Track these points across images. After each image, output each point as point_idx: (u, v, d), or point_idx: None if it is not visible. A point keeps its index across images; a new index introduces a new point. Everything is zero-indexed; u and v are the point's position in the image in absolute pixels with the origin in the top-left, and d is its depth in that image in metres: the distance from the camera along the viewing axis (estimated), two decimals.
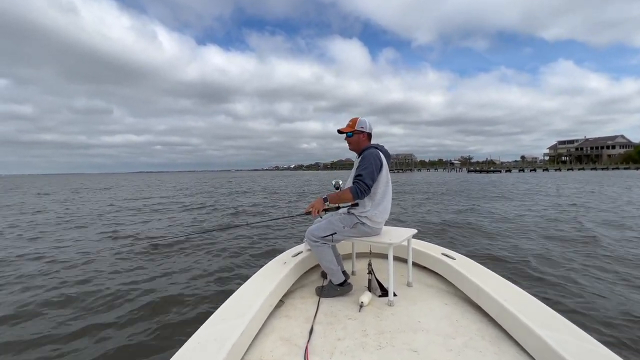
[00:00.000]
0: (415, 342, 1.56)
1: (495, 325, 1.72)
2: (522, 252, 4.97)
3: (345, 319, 1.82)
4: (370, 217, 2.07)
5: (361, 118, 2.21)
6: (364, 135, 2.22)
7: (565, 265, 4.26)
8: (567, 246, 5.32)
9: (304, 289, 2.29)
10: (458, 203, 12.20)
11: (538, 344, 1.39)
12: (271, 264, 2.28)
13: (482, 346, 1.54)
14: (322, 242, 2.09)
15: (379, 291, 2.12)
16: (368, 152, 2.10)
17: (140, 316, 3.06)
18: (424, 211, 10.07)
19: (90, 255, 5.25)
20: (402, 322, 1.76)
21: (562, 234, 6.29)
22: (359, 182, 2.00)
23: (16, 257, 5.20)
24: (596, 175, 40.26)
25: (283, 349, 1.52)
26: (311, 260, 2.51)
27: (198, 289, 3.74)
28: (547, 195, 14.79)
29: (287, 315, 1.87)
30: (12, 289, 3.77)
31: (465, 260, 2.36)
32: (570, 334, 1.39)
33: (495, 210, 9.73)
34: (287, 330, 1.70)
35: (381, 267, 2.49)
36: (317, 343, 1.57)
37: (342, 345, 1.54)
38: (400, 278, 2.40)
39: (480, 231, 6.70)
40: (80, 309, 3.21)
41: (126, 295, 3.52)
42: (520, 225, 7.28)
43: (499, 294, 1.77)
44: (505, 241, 5.74)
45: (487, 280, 1.97)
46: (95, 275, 4.22)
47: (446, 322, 1.78)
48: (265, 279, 1.99)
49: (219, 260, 4.91)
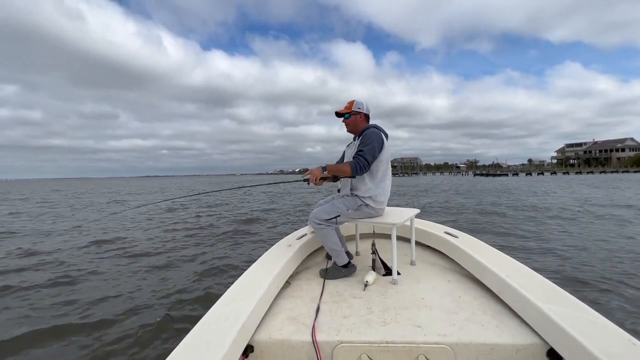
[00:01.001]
0: (418, 318, 1.58)
1: (497, 300, 1.74)
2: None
3: (350, 297, 1.83)
4: (374, 197, 2.08)
5: (357, 100, 2.23)
6: (361, 116, 2.23)
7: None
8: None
9: (309, 270, 2.32)
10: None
11: (538, 316, 1.40)
12: (276, 246, 2.31)
13: (484, 320, 1.55)
14: (325, 225, 2.10)
15: (383, 270, 2.12)
16: (369, 130, 2.11)
17: (151, 299, 3.20)
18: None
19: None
20: (405, 300, 1.78)
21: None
22: (359, 157, 1.99)
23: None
24: (609, 178, 39.10)
25: (291, 328, 1.55)
26: (315, 242, 2.55)
27: (205, 273, 3.94)
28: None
29: (293, 296, 1.90)
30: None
31: (468, 238, 2.38)
32: (570, 307, 1.39)
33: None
34: (295, 310, 1.73)
35: (385, 247, 2.51)
36: (323, 321, 1.59)
37: (348, 323, 1.56)
38: (404, 257, 2.43)
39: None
40: (86, 293, 3.34)
41: (137, 282, 3.69)
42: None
43: (501, 269, 1.80)
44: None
45: (490, 257, 1.99)
46: (102, 264, 4.40)
47: (449, 298, 1.80)
48: (272, 261, 2.03)
49: (224, 247, 5.22)
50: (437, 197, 15.81)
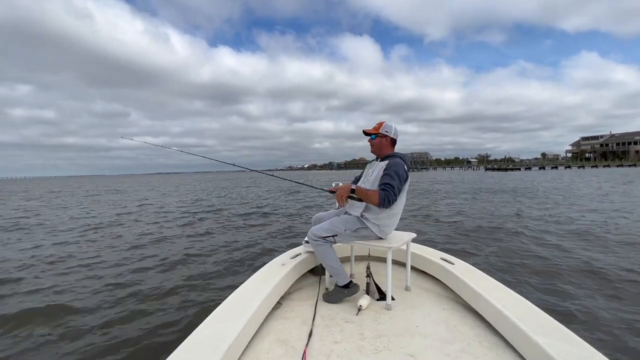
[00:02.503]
0: (412, 347, 1.56)
1: (493, 332, 1.71)
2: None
3: (342, 322, 1.82)
4: (381, 227, 2.08)
5: (387, 123, 2.22)
6: (387, 139, 2.22)
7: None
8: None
9: (301, 291, 2.30)
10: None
11: (535, 351, 1.37)
12: (269, 265, 2.29)
13: (479, 352, 1.53)
14: (323, 242, 2.10)
15: (377, 295, 2.12)
16: (396, 161, 2.09)
17: (134, 317, 3.05)
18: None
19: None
20: (399, 326, 1.76)
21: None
22: (389, 191, 1.97)
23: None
24: (630, 172, 36.98)
25: (279, 351, 1.53)
26: (309, 262, 2.51)
27: (195, 289, 3.72)
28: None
29: (284, 317, 1.88)
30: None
31: (464, 265, 2.33)
32: (567, 342, 1.37)
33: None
34: (284, 332, 1.71)
35: (380, 271, 2.49)
36: (314, 346, 1.57)
37: (339, 349, 1.54)
38: (399, 282, 2.40)
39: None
40: (71, 308, 3.24)
41: (118, 295, 3.55)
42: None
43: (497, 300, 1.75)
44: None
45: (486, 286, 1.95)
46: (91, 273, 4.34)
47: (444, 327, 1.77)
48: (263, 280, 2.00)
49: (219, 258, 5.02)
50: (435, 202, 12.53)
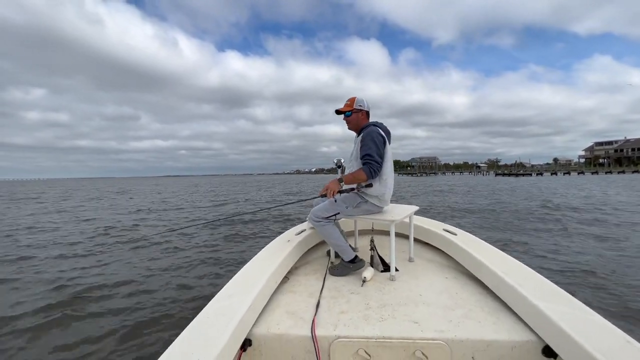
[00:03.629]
0: (416, 314, 1.59)
1: (494, 297, 1.75)
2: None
3: (348, 293, 1.85)
4: (380, 196, 2.08)
5: (358, 97, 2.21)
6: (363, 113, 2.21)
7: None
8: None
9: (307, 265, 2.33)
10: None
11: (535, 314, 1.41)
12: (275, 242, 2.33)
13: (480, 317, 1.56)
14: (325, 222, 2.10)
15: (381, 267, 2.12)
16: (368, 130, 2.08)
17: (152, 295, 3.30)
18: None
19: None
20: (403, 296, 1.79)
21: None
22: (370, 162, 1.97)
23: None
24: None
25: (289, 322, 1.56)
26: (314, 238, 2.55)
27: (205, 271, 4.03)
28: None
29: (291, 291, 1.92)
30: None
31: (466, 235, 2.37)
32: (567, 305, 1.40)
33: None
34: (293, 304, 1.74)
35: (383, 244, 2.52)
36: (321, 316, 1.61)
37: (345, 318, 1.57)
38: (402, 254, 2.42)
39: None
40: (90, 291, 3.48)
41: (138, 279, 3.83)
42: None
43: (499, 267, 1.80)
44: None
45: (488, 254, 1.99)
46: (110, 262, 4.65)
47: (446, 295, 1.81)
48: (270, 256, 2.04)
49: (222, 247, 5.37)
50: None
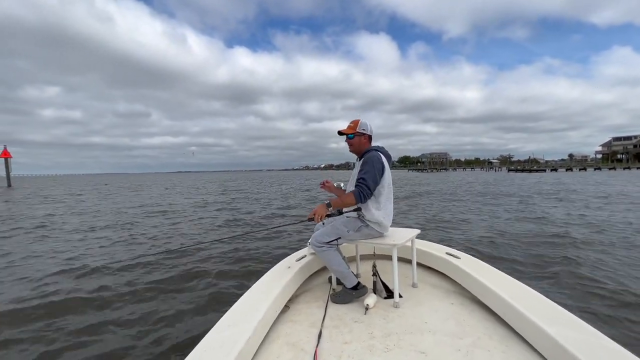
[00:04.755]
0: (422, 343, 1.55)
1: (502, 324, 1.69)
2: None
3: (351, 322, 1.80)
4: (380, 222, 2.06)
5: (362, 120, 2.19)
6: (365, 137, 2.19)
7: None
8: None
9: (308, 293, 2.28)
10: None
11: (547, 342, 1.36)
12: (275, 268, 2.29)
13: (490, 345, 1.52)
14: (327, 247, 2.08)
15: (384, 293, 2.09)
16: (369, 155, 2.07)
17: (146, 323, 2.99)
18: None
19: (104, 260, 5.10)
20: (408, 324, 1.75)
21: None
22: (361, 185, 1.97)
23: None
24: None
25: (289, 354, 1.52)
26: (315, 264, 2.50)
27: (203, 297, 3.61)
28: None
29: (292, 320, 1.87)
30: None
31: (470, 259, 2.31)
32: (578, 330, 1.35)
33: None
34: (293, 335, 1.70)
35: (385, 269, 2.46)
36: (324, 347, 1.56)
37: (349, 349, 1.53)
38: (405, 279, 2.38)
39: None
40: (83, 311, 3.19)
41: (130, 303, 3.45)
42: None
43: (505, 292, 1.75)
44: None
45: (493, 279, 1.94)
46: (102, 280, 4.18)
47: (453, 322, 1.76)
48: (270, 284, 2.00)
49: (221, 268, 4.73)
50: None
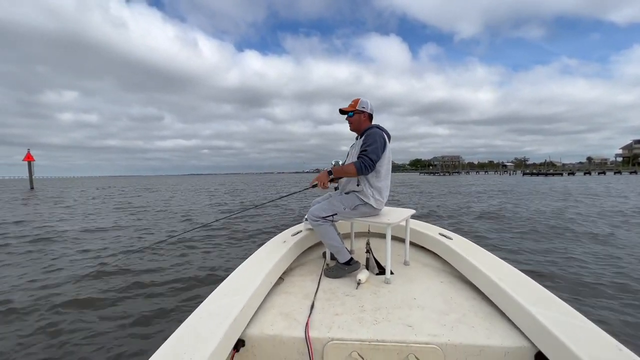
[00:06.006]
0: (410, 318, 1.60)
1: (488, 303, 1.74)
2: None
3: (343, 295, 1.86)
4: (376, 196, 2.11)
5: (362, 99, 2.25)
6: (365, 115, 2.24)
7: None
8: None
9: (303, 267, 2.35)
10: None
11: (528, 320, 1.41)
12: (271, 242, 2.36)
13: (474, 322, 1.57)
14: (323, 221, 2.15)
15: (377, 269, 2.14)
16: (372, 130, 2.13)
17: (143, 295, 3.24)
18: None
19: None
20: (398, 299, 1.80)
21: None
22: (363, 157, 2.02)
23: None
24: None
25: (283, 323, 1.57)
26: (310, 239, 2.57)
27: (199, 270, 3.90)
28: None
29: (286, 292, 1.93)
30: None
31: (462, 240, 2.36)
32: (560, 311, 1.39)
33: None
34: (287, 306, 1.76)
35: (379, 246, 2.52)
36: (315, 318, 1.62)
37: (339, 320, 1.58)
38: (398, 257, 2.44)
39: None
40: (90, 289, 3.44)
41: (133, 280, 3.72)
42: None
43: (494, 272, 1.80)
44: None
45: (483, 260, 1.99)
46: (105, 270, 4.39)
47: (441, 299, 1.81)
48: (265, 256, 2.06)
49: (219, 246, 5.14)
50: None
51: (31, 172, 32.39)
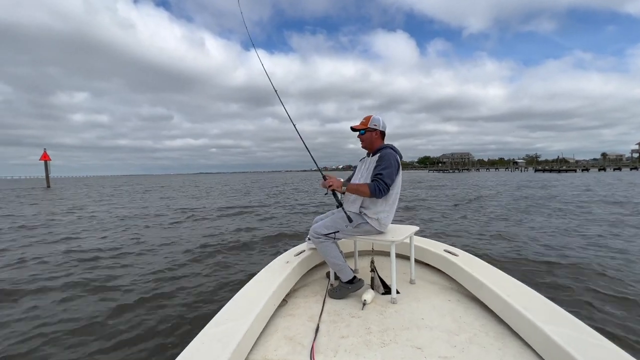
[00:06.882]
0: (419, 339, 1.56)
1: (499, 321, 1.69)
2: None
3: (348, 317, 1.81)
4: (381, 220, 2.08)
5: (375, 116, 2.21)
6: (377, 133, 2.21)
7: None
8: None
9: (306, 287, 2.30)
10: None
11: (542, 339, 1.35)
12: (274, 263, 2.32)
13: (486, 342, 1.52)
14: (325, 239, 2.11)
15: (382, 289, 2.10)
16: (387, 152, 2.11)
17: (143, 316, 2.95)
18: None
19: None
20: (405, 319, 1.75)
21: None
22: (379, 180, 1.99)
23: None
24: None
25: (287, 348, 1.53)
26: (313, 259, 2.52)
27: (202, 287, 3.63)
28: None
29: (290, 314, 1.89)
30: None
31: (467, 256, 2.30)
32: (574, 329, 1.34)
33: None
34: (291, 329, 1.71)
35: (384, 265, 2.47)
36: (321, 341, 1.57)
37: (346, 343, 1.54)
38: (403, 275, 2.37)
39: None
40: (84, 304, 3.22)
41: (127, 295, 3.45)
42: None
43: (502, 289, 1.74)
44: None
45: (490, 276, 1.93)
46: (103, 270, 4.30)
47: (449, 318, 1.76)
48: (269, 278, 2.02)
49: (224, 256, 4.95)
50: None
51: (47, 171, 33.21)
